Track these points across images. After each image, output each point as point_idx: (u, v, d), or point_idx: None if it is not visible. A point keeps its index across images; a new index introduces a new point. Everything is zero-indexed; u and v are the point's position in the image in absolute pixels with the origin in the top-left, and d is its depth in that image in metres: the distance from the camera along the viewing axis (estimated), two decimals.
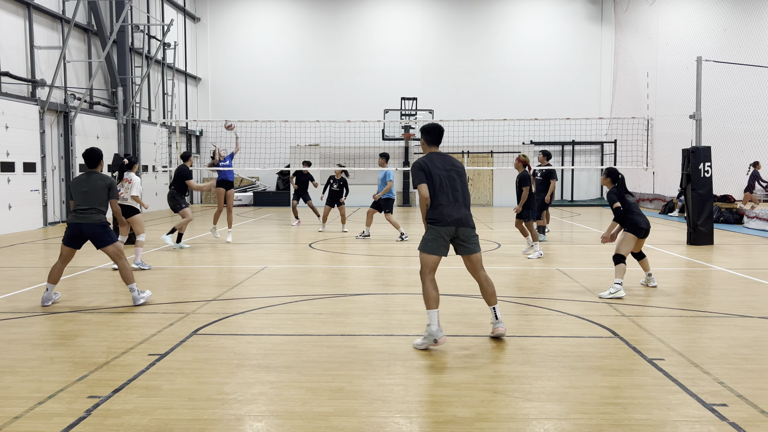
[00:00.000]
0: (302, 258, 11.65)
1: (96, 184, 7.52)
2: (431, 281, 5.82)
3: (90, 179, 7.57)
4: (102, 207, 7.53)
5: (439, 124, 6.12)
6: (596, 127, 28.10)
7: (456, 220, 5.79)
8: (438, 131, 6.08)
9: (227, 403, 4.42)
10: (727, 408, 4.32)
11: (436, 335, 5.60)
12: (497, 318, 6.00)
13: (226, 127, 15.32)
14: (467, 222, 5.86)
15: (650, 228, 8.34)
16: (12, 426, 4.04)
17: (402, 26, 29.31)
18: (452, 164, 5.98)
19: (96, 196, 7.49)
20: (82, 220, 7.41)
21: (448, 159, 6.01)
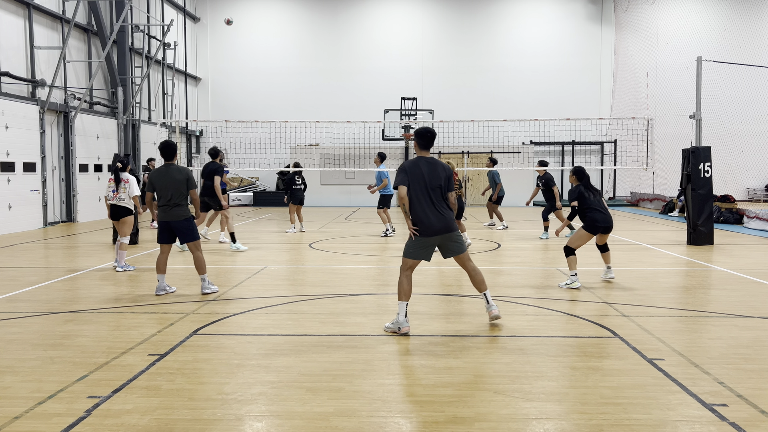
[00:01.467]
0: (302, 258, 11.65)
1: (174, 177, 7.91)
2: (407, 277, 6.20)
3: (168, 172, 7.95)
4: (183, 200, 7.95)
5: (431, 129, 6.20)
6: (596, 127, 28.09)
7: (440, 229, 6.07)
8: (429, 135, 6.17)
9: (227, 403, 4.43)
10: (727, 408, 4.32)
11: (401, 324, 6.13)
12: (488, 302, 6.38)
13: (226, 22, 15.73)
14: (450, 227, 6.11)
15: (611, 225, 8.56)
16: (12, 426, 4.04)
17: (402, 26, 29.31)
18: (437, 171, 6.08)
19: (179, 188, 7.89)
20: (170, 218, 7.92)
21: (434, 165, 6.11)
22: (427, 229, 6.06)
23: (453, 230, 6.13)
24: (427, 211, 6.04)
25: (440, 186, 6.08)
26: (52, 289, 8.54)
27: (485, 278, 6.51)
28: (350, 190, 26.70)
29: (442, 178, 6.09)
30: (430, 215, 6.04)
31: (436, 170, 6.09)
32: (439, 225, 6.05)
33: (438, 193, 6.08)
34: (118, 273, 9.85)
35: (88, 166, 19.88)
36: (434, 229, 6.05)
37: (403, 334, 6.12)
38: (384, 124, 26.06)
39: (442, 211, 6.08)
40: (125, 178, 10.47)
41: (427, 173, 6.05)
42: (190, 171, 8.10)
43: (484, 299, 6.43)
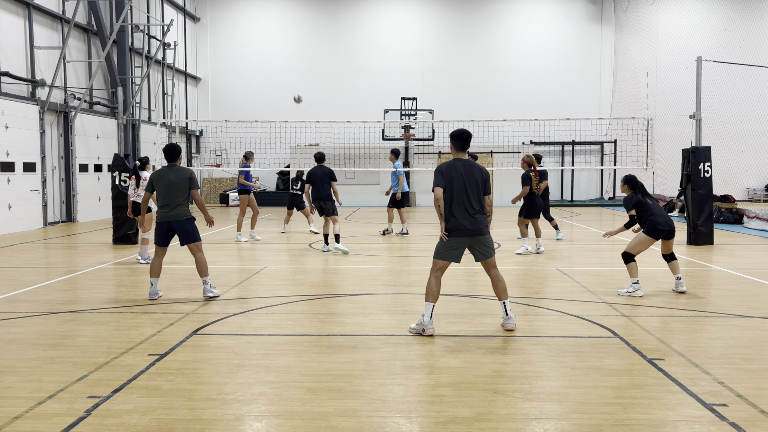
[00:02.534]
0: (302, 258, 11.64)
1: (177, 176, 7.77)
2: (437, 278, 6.18)
3: (171, 172, 7.81)
4: (184, 200, 7.79)
5: (466, 130, 6.20)
6: (596, 127, 28.09)
7: (470, 231, 6.04)
8: (465, 137, 6.18)
9: (227, 403, 4.42)
10: (727, 408, 4.32)
11: (426, 326, 6.10)
12: (507, 313, 6.26)
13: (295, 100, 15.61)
14: (481, 230, 6.08)
15: (673, 229, 8.17)
16: (12, 426, 4.04)
17: (402, 26, 29.31)
18: (473, 173, 6.10)
19: (178, 189, 7.75)
20: (170, 218, 7.74)
21: (470, 167, 6.12)
22: (457, 230, 6.05)
23: (483, 233, 6.09)
24: (460, 212, 6.04)
25: (477, 188, 6.09)
26: (52, 289, 8.54)
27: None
28: (350, 190, 26.68)
29: (479, 180, 6.10)
30: (463, 216, 6.04)
31: (473, 172, 6.10)
32: (470, 226, 6.03)
33: (474, 195, 6.07)
34: (122, 270, 9.87)
35: (88, 166, 19.87)
36: (463, 229, 6.03)
37: (428, 335, 6.06)
38: (384, 124, 26.06)
39: (475, 213, 6.06)
40: (144, 177, 10.64)
41: (464, 175, 6.07)
42: (193, 171, 7.94)
43: (502, 308, 6.30)
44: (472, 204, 6.05)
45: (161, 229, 7.82)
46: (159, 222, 7.82)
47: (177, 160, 7.99)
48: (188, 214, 7.85)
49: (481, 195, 6.13)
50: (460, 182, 6.05)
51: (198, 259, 7.87)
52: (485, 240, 6.13)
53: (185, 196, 7.81)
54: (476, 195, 6.08)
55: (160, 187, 7.79)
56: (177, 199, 7.75)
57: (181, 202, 7.78)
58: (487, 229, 6.15)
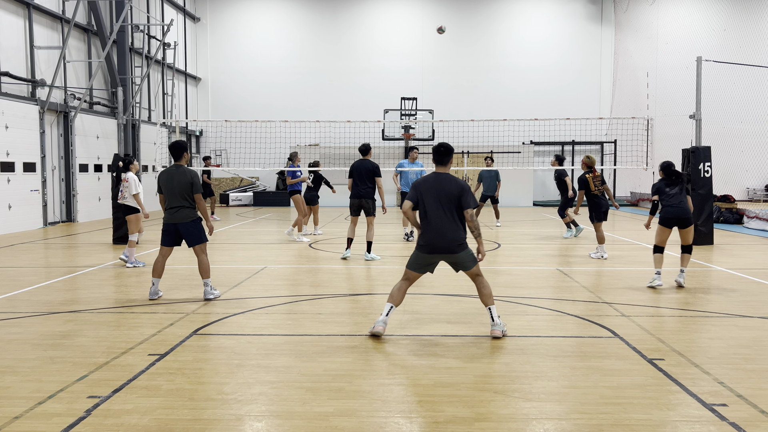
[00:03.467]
0: (302, 258, 11.64)
1: (181, 179, 7.66)
2: (402, 284, 6.15)
3: (176, 174, 7.69)
4: (190, 202, 7.69)
5: (444, 144, 6.06)
6: (596, 127, 28.08)
7: (438, 248, 5.90)
8: (441, 150, 6.04)
9: (227, 403, 4.43)
10: (727, 408, 4.32)
11: (375, 323, 6.06)
12: (493, 320, 6.06)
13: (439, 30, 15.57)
14: (452, 249, 5.87)
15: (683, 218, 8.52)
16: (12, 426, 4.04)
17: (402, 26, 29.31)
18: (447, 188, 5.86)
19: (182, 191, 7.66)
20: (176, 221, 7.67)
21: (445, 182, 5.91)
22: (426, 246, 5.92)
23: (454, 252, 5.87)
24: (431, 228, 5.88)
25: (450, 203, 5.84)
26: (52, 289, 8.54)
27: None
28: None
29: (453, 194, 5.84)
30: (434, 233, 5.87)
31: (446, 186, 5.87)
32: (439, 244, 5.86)
33: (447, 211, 5.85)
34: (126, 269, 9.87)
35: (88, 166, 19.87)
36: (432, 247, 5.90)
37: (373, 335, 6.00)
38: (384, 124, 26.05)
39: (447, 230, 5.83)
40: (125, 178, 10.52)
41: (437, 189, 5.88)
42: (195, 174, 7.80)
43: (489, 314, 6.10)
44: (444, 220, 5.83)
45: (167, 230, 7.78)
46: (165, 223, 7.80)
47: (182, 158, 7.85)
48: (193, 215, 7.73)
49: (456, 210, 5.87)
50: (432, 197, 5.87)
51: (201, 260, 7.81)
52: (461, 257, 5.91)
53: (189, 199, 7.71)
54: (449, 210, 5.85)
55: (165, 188, 7.73)
56: (181, 202, 7.66)
57: (186, 205, 7.68)
58: (461, 246, 5.87)
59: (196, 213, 7.78)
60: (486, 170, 16.88)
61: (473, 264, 5.99)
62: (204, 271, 7.82)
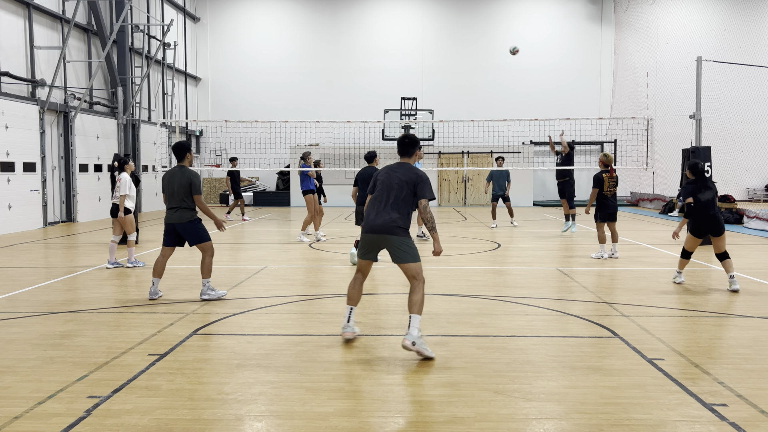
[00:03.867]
0: (302, 258, 11.64)
1: (181, 180, 7.62)
2: (356, 280, 5.94)
3: (177, 174, 7.66)
4: (190, 203, 7.65)
5: (408, 135, 5.97)
6: (596, 127, 28.08)
7: (376, 228, 5.65)
8: (405, 142, 5.93)
9: (227, 403, 4.43)
10: (727, 408, 4.32)
11: (342, 328, 5.91)
12: (409, 328, 5.43)
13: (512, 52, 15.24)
14: (389, 229, 5.61)
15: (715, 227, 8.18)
16: (12, 426, 4.04)
17: (402, 26, 29.31)
18: (402, 175, 5.73)
19: (182, 192, 7.62)
20: (175, 221, 7.65)
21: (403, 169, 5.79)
22: (366, 225, 5.77)
23: (391, 233, 5.60)
24: (372, 209, 5.77)
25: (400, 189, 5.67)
26: (52, 289, 8.54)
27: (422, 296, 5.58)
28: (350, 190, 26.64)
29: (408, 181, 5.68)
30: (372, 213, 5.73)
31: (399, 175, 5.74)
32: (377, 222, 5.65)
33: (393, 196, 5.67)
34: (122, 270, 9.87)
35: (88, 166, 19.87)
36: (370, 225, 5.70)
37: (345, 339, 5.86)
38: (384, 124, 26.05)
39: (389, 213, 5.63)
40: (118, 178, 10.50)
41: (390, 177, 5.76)
42: (196, 175, 7.73)
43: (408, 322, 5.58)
44: (388, 204, 5.66)
45: (167, 230, 7.79)
46: (165, 223, 7.80)
47: (184, 159, 7.81)
48: (192, 216, 7.67)
49: (404, 198, 5.67)
50: (384, 183, 5.77)
51: (202, 259, 7.78)
52: (395, 241, 5.61)
53: (190, 199, 7.66)
54: (398, 194, 5.66)
55: (167, 188, 7.73)
56: (180, 202, 7.64)
57: (185, 205, 7.64)
58: (399, 230, 5.62)
59: (195, 213, 7.73)
60: (497, 170, 16.98)
61: (411, 259, 5.62)
62: (203, 270, 7.76)
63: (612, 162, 11.41)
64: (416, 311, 5.48)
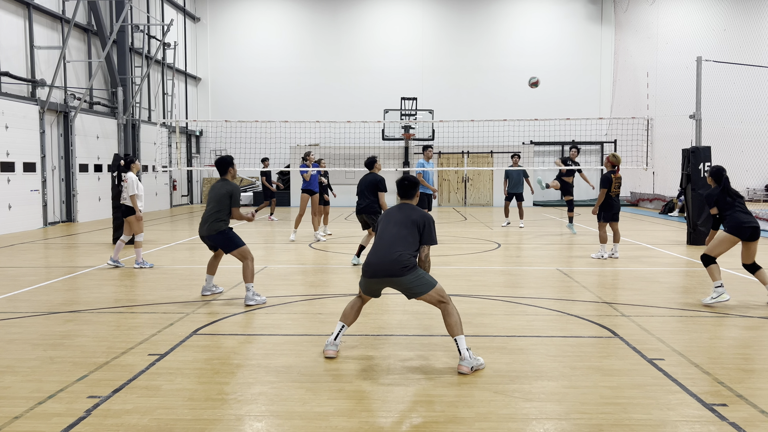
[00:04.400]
0: (302, 258, 11.64)
1: (219, 192, 7.62)
2: (355, 301, 5.61)
3: (216, 187, 7.69)
4: (222, 214, 7.60)
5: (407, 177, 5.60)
6: (596, 127, 28.09)
7: (378, 272, 5.23)
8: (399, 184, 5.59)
9: (227, 403, 4.43)
10: (727, 408, 4.32)
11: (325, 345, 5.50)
12: (460, 353, 5.09)
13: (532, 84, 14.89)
14: (392, 272, 5.17)
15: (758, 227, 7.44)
16: (12, 426, 4.04)
17: (402, 26, 29.31)
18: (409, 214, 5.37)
19: (218, 204, 7.60)
20: (205, 233, 7.66)
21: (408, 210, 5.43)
22: (367, 269, 5.33)
23: (396, 275, 5.16)
24: (375, 247, 5.34)
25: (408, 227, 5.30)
26: (52, 289, 8.54)
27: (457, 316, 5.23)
28: (350, 190, 26.63)
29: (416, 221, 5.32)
30: (376, 255, 5.28)
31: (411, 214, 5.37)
32: (380, 267, 5.22)
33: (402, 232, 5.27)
34: (122, 270, 9.88)
35: (88, 166, 19.88)
36: (373, 270, 5.26)
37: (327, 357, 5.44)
38: (384, 124, 26.05)
39: (393, 253, 5.18)
40: (125, 178, 10.50)
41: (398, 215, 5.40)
42: (237, 188, 7.68)
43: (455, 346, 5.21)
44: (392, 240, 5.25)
45: (204, 242, 7.84)
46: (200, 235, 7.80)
47: (227, 173, 7.81)
48: (221, 227, 7.58)
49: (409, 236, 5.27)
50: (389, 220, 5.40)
51: (243, 265, 7.65)
52: (404, 282, 5.18)
53: (224, 212, 7.58)
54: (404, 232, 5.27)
55: (208, 200, 7.77)
56: (215, 215, 7.59)
57: (218, 217, 7.58)
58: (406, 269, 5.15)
59: (225, 225, 7.64)
60: (513, 169, 16.94)
61: (428, 288, 5.19)
62: (246, 276, 7.60)
63: (620, 163, 11.27)
64: (459, 332, 5.12)
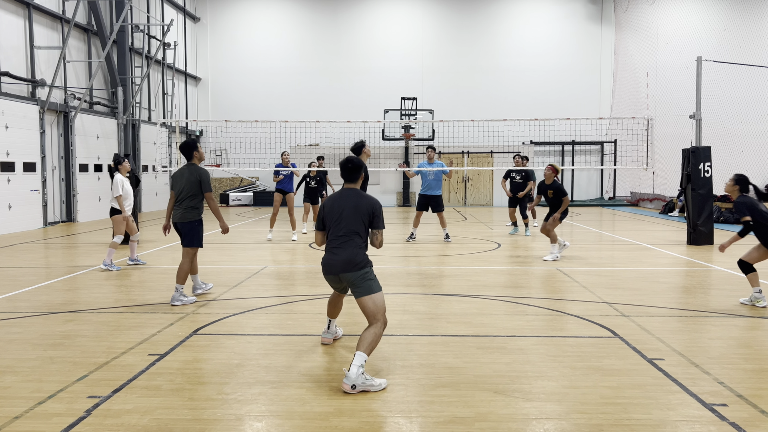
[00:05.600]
0: (302, 258, 11.64)
1: (189, 178, 7.51)
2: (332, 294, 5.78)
3: (185, 172, 7.55)
4: (196, 201, 7.54)
5: (350, 158, 5.30)
6: (596, 127, 28.09)
7: (330, 268, 5.14)
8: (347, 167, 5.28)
9: (227, 403, 4.43)
10: (727, 408, 4.32)
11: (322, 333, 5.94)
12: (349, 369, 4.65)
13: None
14: (345, 268, 5.05)
15: None
16: (12, 426, 4.04)
17: (402, 26, 29.31)
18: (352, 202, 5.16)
19: (189, 190, 7.50)
20: (177, 219, 7.55)
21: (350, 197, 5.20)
22: (323, 267, 5.23)
23: (347, 270, 5.04)
24: (329, 248, 5.19)
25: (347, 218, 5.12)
26: (52, 289, 8.54)
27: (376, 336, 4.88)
28: None
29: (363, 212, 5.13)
30: (327, 253, 5.19)
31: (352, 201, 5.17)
32: (332, 261, 5.12)
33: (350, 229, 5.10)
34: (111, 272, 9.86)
35: (88, 166, 19.88)
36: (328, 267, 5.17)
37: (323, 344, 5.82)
38: (384, 124, 26.06)
39: (346, 248, 5.06)
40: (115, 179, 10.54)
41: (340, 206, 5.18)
42: (205, 172, 7.61)
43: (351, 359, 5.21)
44: (345, 238, 5.09)
45: (176, 229, 7.68)
46: (173, 222, 7.68)
47: (192, 158, 7.64)
48: (195, 216, 7.54)
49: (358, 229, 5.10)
50: (335, 214, 5.17)
51: (182, 262, 7.57)
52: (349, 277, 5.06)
53: (197, 199, 7.54)
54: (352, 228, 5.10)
55: (176, 187, 7.61)
56: (187, 201, 7.52)
57: (192, 204, 7.52)
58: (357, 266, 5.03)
59: (198, 214, 7.61)
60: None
61: (367, 291, 5.00)
62: (180, 275, 7.53)
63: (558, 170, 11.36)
64: (365, 350, 4.78)
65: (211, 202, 7.63)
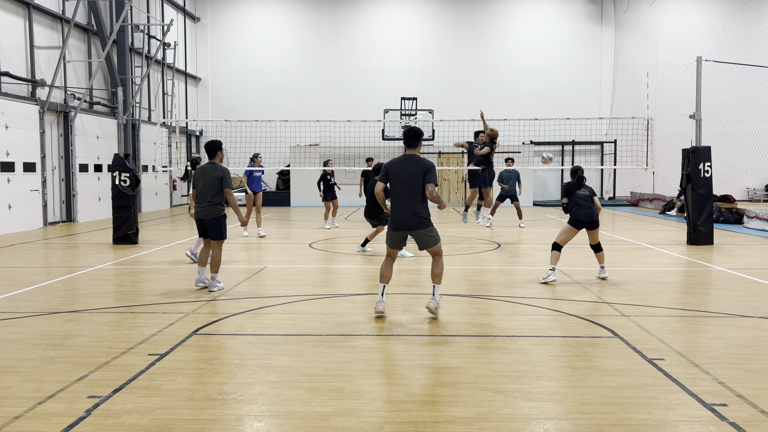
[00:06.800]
0: (302, 258, 11.64)
1: (211, 175, 8.11)
2: (386, 263, 6.85)
3: (209, 170, 8.15)
4: (219, 198, 8.15)
5: (413, 128, 6.66)
6: (596, 127, 28.09)
7: (401, 226, 6.59)
8: (410, 134, 6.65)
9: (227, 403, 4.43)
10: (727, 408, 4.32)
11: (376, 303, 6.79)
12: (433, 295, 6.75)
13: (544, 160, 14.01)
14: (414, 225, 6.56)
15: (593, 221, 8.84)
16: (12, 426, 4.04)
17: (402, 26, 29.31)
18: (412, 168, 6.52)
19: (211, 188, 8.12)
20: (203, 216, 8.17)
21: (410, 163, 6.56)
22: (393, 224, 6.63)
23: (417, 228, 6.55)
24: (396, 207, 6.59)
25: (412, 182, 6.48)
26: (52, 289, 8.54)
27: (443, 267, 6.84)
28: (350, 190, 26.67)
29: (419, 174, 6.47)
30: (398, 212, 6.57)
31: (412, 168, 6.52)
32: (403, 222, 6.56)
33: (409, 191, 6.51)
34: (122, 270, 9.88)
35: (88, 166, 19.87)
36: (397, 224, 6.60)
37: (376, 314, 6.73)
38: (384, 124, 26.06)
39: (413, 207, 6.50)
40: None
41: (402, 171, 6.55)
42: (226, 170, 8.19)
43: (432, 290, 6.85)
44: (407, 199, 6.51)
45: (198, 224, 8.31)
46: (195, 218, 8.29)
47: (216, 156, 8.26)
48: (219, 212, 8.15)
49: (419, 188, 6.47)
50: (397, 178, 6.56)
51: (215, 255, 8.25)
52: (420, 234, 6.58)
53: (218, 195, 8.14)
54: (412, 190, 6.49)
55: (198, 184, 8.18)
56: (211, 198, 8.12)
57: (214, 201, 8.12)
58: (423, 223, 6.55)
59: (222, 210, 8.19)
60: (506, 171, 16.87)
61: (434, 242, 6.65)
62: (215, 265, 8.23)
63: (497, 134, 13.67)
64: (438, 282, 6.75)
65: (230, 197, 8.21)
